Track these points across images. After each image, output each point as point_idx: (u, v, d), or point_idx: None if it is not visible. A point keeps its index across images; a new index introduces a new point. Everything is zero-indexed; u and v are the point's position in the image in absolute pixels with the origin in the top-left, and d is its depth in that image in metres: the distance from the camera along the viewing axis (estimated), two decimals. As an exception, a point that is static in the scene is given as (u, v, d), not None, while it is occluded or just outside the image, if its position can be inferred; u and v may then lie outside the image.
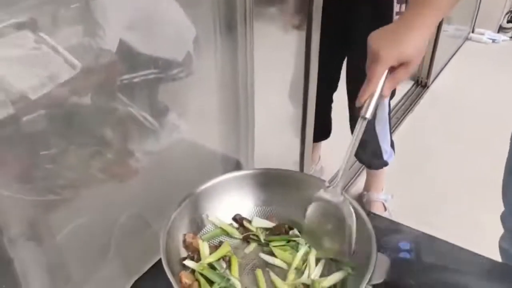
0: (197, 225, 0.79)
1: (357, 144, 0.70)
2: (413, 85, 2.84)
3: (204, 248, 0.73)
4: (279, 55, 0.71)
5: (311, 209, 0.71)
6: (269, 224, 0.81)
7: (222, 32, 0.98)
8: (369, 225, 0.74)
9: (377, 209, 1.84)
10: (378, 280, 0.68)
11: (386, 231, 0.90)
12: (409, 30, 0.70)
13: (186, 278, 0.67)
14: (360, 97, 0.70)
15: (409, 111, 2.59)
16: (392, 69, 0.70)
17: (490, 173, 1.97)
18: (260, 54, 1.03)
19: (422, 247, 0.84)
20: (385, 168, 1.82)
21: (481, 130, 2.39)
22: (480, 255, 0.77)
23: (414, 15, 0.71)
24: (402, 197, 1.94)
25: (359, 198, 1.93)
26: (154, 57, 0.92)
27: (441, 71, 3.00)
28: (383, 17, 1.46)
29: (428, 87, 2.83)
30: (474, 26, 3.49)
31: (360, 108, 0.70)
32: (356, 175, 2.09)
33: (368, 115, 0.69)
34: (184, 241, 0.75)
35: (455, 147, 2.27)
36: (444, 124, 2.47)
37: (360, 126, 0.70)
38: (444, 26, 2.76)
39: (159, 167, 1.03)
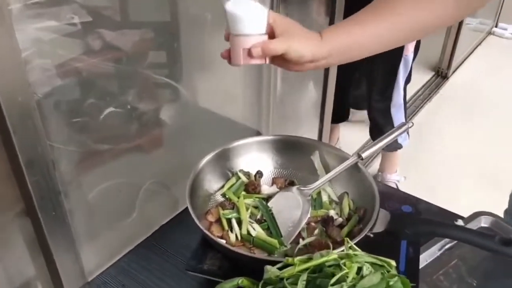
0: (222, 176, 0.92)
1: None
2: (433, 76, 2.92)
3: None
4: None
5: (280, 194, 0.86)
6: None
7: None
8: (374, 185, 0.87)
9: (390, 189, 1.95)
10: (379, 229, 0.81)
11: (391, 196, 1.03)
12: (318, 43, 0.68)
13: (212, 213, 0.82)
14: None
15: (427, 100, 2.68)
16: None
17: (500, 166, 2.06)
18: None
19: (421, 209, 0.97)
20: (399, 151, 1.93)
21: (496, 123, 2.47)
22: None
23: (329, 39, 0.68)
24: (414, 179, 2.05)
25: (374, 178, 2.05)
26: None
27: (461, 63, 3.07)
28: None
29: (447, 78, 2.90)
30: (498, 20, 3.52)
31: None
32: (373, 157, 2.20)
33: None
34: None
35: (469, 137, 2.36)
36: (460, 115, 2.55)
37: None
38: (468, 19, 2.81)
39: (182, 140, 1.15)
